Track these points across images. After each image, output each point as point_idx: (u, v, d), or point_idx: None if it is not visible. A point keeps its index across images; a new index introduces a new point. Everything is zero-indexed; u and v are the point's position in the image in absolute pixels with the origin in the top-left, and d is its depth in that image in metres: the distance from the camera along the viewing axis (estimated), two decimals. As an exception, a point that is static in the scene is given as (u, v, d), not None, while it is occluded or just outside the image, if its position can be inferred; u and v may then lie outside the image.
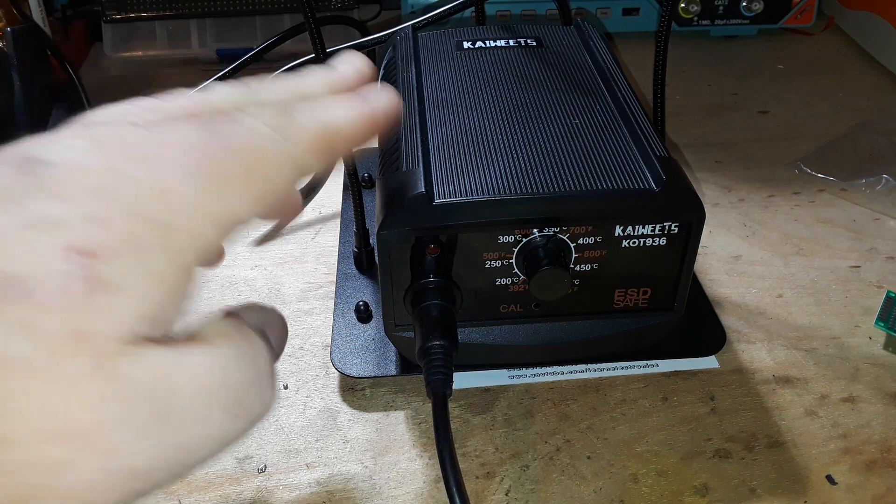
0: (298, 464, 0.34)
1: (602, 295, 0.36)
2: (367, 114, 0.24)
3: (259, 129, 0.20)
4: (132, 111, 0.20)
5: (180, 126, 0.19)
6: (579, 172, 0.33)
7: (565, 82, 0.41)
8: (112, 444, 0.16)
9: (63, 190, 0.17)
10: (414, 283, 0.33)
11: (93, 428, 0.16)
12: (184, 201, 0.18)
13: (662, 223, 0.33)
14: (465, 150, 0.35)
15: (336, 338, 0.39)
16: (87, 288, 0.16)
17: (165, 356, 0.17)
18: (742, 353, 0.39)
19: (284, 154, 0.21)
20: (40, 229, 0.16)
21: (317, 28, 0.38)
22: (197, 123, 0.20)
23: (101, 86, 0.65)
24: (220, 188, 0.19)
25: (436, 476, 0.34)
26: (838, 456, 0.34)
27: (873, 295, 0.43)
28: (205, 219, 0.19)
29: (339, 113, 0.23)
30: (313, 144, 0.21)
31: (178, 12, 0.68)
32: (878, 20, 0.67)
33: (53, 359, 0.15)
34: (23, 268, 0.16)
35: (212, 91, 0.22)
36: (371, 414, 0.37)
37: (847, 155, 0.55)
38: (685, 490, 0.33)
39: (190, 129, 0.19)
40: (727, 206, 0.50)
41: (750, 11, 0.69)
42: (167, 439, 0.17)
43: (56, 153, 0.18)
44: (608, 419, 0.36)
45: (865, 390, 0.37)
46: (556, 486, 0.33)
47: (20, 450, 0.15)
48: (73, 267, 0.16)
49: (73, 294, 0.16)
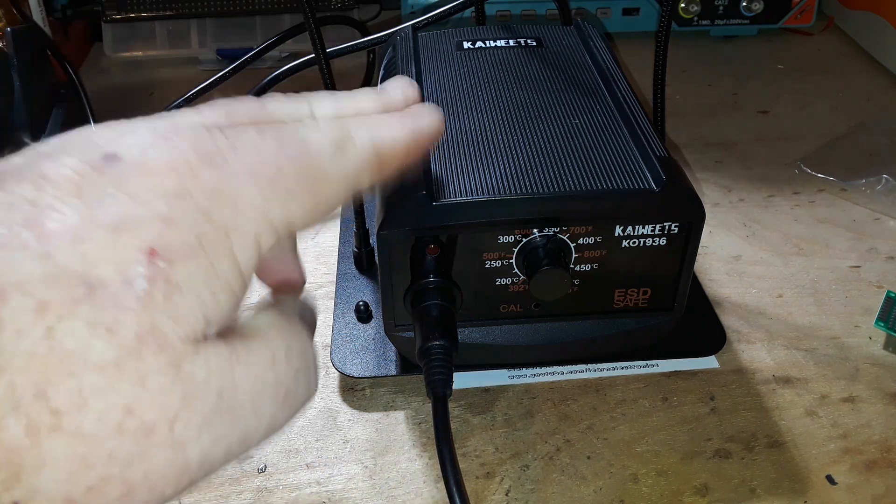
0: (298, 464, 0.34)
1: (602, 295, 0.36)
2: (417, 132, 0.24)
3: (319, 142, 0.21)
4: (202, 115, 0.21)
5: (248, 132, 0.20)
6: (579, 172, 0.34)
7: (565, 82, 0.41)
8: (179, 439, 0.17)
9: (139, 190, 0.17)
10: (414, 283, 0.33)
11: (164, 424, 0.17)
12: (249, 206, 0.19)
13: (662, 223, 0.33)
14: (465, 150, 0.35)
15: (336, 338, 0.39)
16: (163, 290, 0.17)
17: (226, 354, 0.18)
18: (742, 353, 0.39)
19: (341, 168, 0.21)
20: (120, 230, 0.17)
21: (317, 28, 0.38)
22: (263, 132, 0.20)
23: (102, 86, 0.65)
24: (282, 196, 0.19)
25: (436, 476, 0.34)
26: (838, 456, 0.34)
27: (873, 295, 0.43)
28: (266, 224, 0.19)
29: (392, 132, 0.23)
30: (368, 161, 0.22)
31: (178, 12, 0.68)
32: (878, 20, 0.67)
33: (130, 359, 0.16)
34: (106, 270, 0.16)
35: (272, 101, 0.23)
36: (371, 414, 0.37)
37: (847, 155, 0.55)
38: (685, 490, 0.33)
39: (257, 136, 0.20)
40: (727, 206, 0.50)
41: (750, 11, 0.69)
42: (226, 431, 0.18)
43: (131, 150, 0.18)
44: (608, 419, 0.36)
45: (865, 390, 0.37)
46: (556, 486, 0.33)
47: (96, 445, 0.16)
48: (152, 270, 0.17)
49: (150, 296, 0.17)
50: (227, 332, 0.19)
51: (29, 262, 0.16)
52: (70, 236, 0.16)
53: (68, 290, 0.16)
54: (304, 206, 0.20)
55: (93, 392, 0.16)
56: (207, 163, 0.18)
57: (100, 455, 0.16)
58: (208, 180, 0.18)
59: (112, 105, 0.63)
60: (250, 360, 0.19)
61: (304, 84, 0.62)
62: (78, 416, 0.16)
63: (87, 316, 0.16)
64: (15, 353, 0.15)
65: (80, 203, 0.17)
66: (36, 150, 0.18)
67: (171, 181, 0.18)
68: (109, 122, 0.20)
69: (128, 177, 0.18)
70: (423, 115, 0.25)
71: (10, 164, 0.18)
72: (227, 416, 0.18)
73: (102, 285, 0.16)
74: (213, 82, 0.56)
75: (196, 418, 0.17)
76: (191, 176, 0.18)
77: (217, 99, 0.22)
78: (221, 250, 0.18)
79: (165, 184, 0.18)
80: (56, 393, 0.15)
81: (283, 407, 0.20)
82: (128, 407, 0.16)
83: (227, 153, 0.19)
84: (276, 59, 0.66)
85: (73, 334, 0.16)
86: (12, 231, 0.16)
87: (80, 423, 0.16)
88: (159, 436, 0.16)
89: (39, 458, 0.15)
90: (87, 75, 0.65)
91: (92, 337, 0.16)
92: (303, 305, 0.24)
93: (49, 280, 0.16)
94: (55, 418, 0.15)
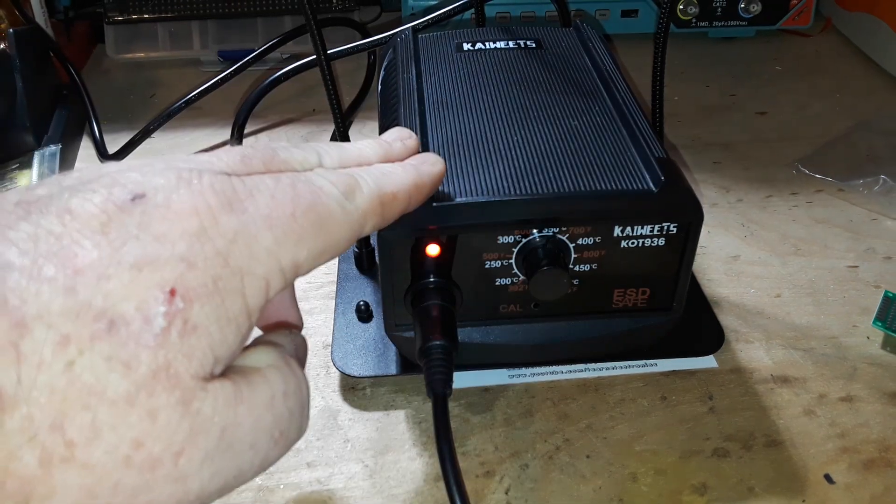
0: (299, 463, 0.35)
1: (601, 295, 0.36)
2: (418, 181, 0.26)
3: (330, 191, 0.22)
4: (221, 160, 0.22)
5: (265, 180, 0.21)
6: (578, 173, 0.34)
7: (564, 84, 0.41)
8: (182, 472, 0.17)
9: (163, 231, 0.18)
10: (414, 283, 0.34)
11: (169, 458, 0.17)
12: (263, 251, 0.19)
13: (661, 224, 0.34)
14: (464, 151, 0.35)
15: (337, 337, 0.40)
16: (179, 329, 0.17)
17: (231, 393, 0.19)
18: (740, 353, 0.40)
19: (348, 216, 0.22)
20: (143, 269, 0.17)
21: (318, 29, 0.38)
22: (278, 180, 0.21)
23: (104, 87, 0.66)
24: (293, 241, 0.20)
25: (436, 475, 0.34)
26: (836, 455, 0.34)
27: (871, 295, 0.43)
28: (276, 268, 0.20)
29: (394, 179, 0.25)
30: (373, 206, 0.23)
31: (180, 14, 0.68)
32: (875, 21, 0.67)
33: (143, 394, 0.17)
34: (127, 308, 0.17)
35: (284, 149, 0.24)
36: (371, 413, 0.37)
37: (845, 156, 0.55)
38: (684, 489, 0.33)
39: (272, 184, 0.21)
40: (725, 206, 0.51)
41: (748, 13, 0.69)
42: (225, 466, 0.19)
43: (157, 192, 0.19)
44: (607, 418, 0.36)
45: (863, 390, 0.38)
46: (555, 485, 0.33)
47: (103, 476, 0.16)
48: (170, 309, 0.17)
49: (167, 335, 0.17)
50: (231, 370, 0.20)
51: (53, 294, 0.16)
52: (94, 272, 0.17)
53: (90, 324, 0.16)
54: (313, 250, 0.21)
55: (106, 425, 0.16)
56: (227, 208, 0.19)
57: (106, 486, 0.16)
58: (227, 225, 0.19)
59: (114, 106, 0.63)
60: (252, 400, 0.19)
61: (306, 85, 0.62)
62: (89, 448, 0.16)
63: (107, 351, 0.16)
64: (34, 386, 0.16)
65: (105, 240, 0.17)
66: (60, 183, 0.19)
67: (193, 224, 0.18)
68: (132, 162, 0.21)
69: (152, 217, 0.18)
70: (425, 164, 0.27)
71: (34, 194, 0.18)
72: (226, 453, 0.18)
73: (124, 322, 0.17)
74: (214, 83, 0.57)
75: (199, 454, 0.18)
76: (211, 220, 0.19)
77: (233, 146, 0.23)
78: (234, 292, 0.19)
79: (187, 226, 0.18)
80: (72, 425, 0.16)
81: (276, 445, 0.20)
82: (137, 440, 0.17)
83: (246, 199, 0.20)
84: (277, 60, 0.67)
85: (92, 368, 0.16)
86: (37, 263, 0.16)
87: (90, 455, 0.16)
88: (164, 469, 0.17)
89: (49, 489, 0.16)
90: (89, 76, 0.65)
91: (109, 371, 0.16)
92: (297, 344, 0.25)
93: (72, 314, 0.16)
94: (68, 450, 0.16)
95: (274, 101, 0.57)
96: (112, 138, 0.58)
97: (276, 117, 0.61)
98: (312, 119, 0.61)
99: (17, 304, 0.16)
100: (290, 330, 0.25)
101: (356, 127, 0.61)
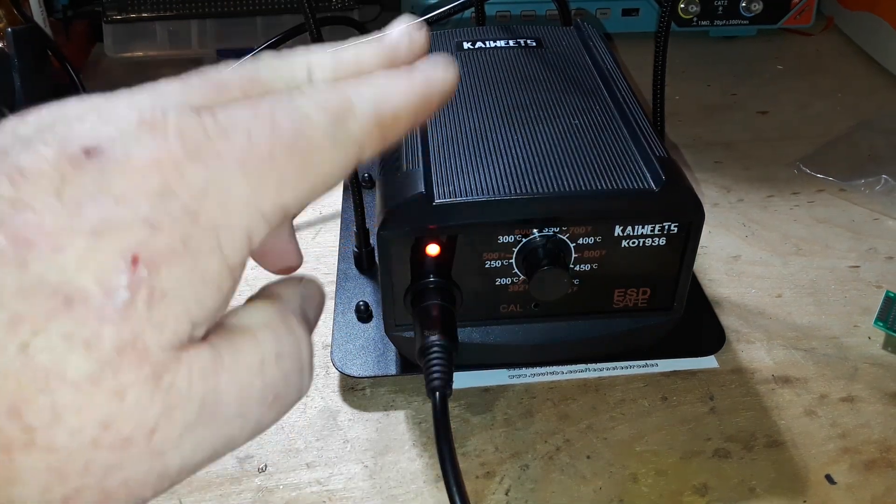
0: (299, 463, 0.34)
1: (602, 295, 0.36)
2: (426, 94, 0.22)
3: (317, 119, 0.19)
4: (190, 89, 0.19)
5: (241, 115, 0.18)
6: (579, 173, 0.34)
7: (565, 83, 0.41)
8: (158, 448, 0.16)
9: (122, 188, 0.16)
10: (414, 282, 0.34)
11: (142, 436, 0.16)
12: (239, 200, 0.17)
13: (662, 223, 0.34)
14: (465, 150, 0.35)
15: (336, 338, 0.40)
16: (145, 299, 0.16)
17: (210, 360, 0.17)
18: (741, 353, 0.39)
19: (340, 146, 0.19)
20: (102, 236, 0.16)
21: (317, 28, 0.38)
22: (254, 111, 0.18)
23: (102, 86, 0.65)
24: (275, 185, 0.18)
25: (436, 475, 0.34)
26: (837, 455, 0.34)
27: (872, 295, 0.43)
28: (257, 216, 0.18)
29: (397, 96, 0.21)
30: (369, 132, 0.20)
31: (178, 13, 0.68)
32: (877, 21, 0.67)
33: (108, 373, 0.15)
34: (85, 280, 0.15)
35: (266, 65, 0.21)
36: (371, 414, 0.37)
37: (846, 155, 0.55)
38: (684, 489, 0.33)
39: (250, 118, 0.18)
40: (726, 206, 0.51)
41: (749, 12, 0.69)
42: (209, 436, 0.17)
43: (114, 144, 0.17)
44: (608, 419, 0.36)
45: (864, 390, 0.37)
46: (555, 485, 0.33)
47: (70, 458, 0.15)
48: (134, 279, 0.16)
49: (132, 307, 0.16)
50: (215, 331, 0.18)
51: (3, 271, 0.15)
52: (48, 243, 0.15)
53: (44, 302, 0.15)
54: (299, 190, 0.19)
55: (67, 408, 0.15)
56: (194, 156, 0.17)
57: (75, 467, 0.15)
58: (195, 177, 0.17)
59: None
60: (237, 366, 0.18)
61: (305, 84, 0.62)
62: (50, 432, 0.15)
63: (64, 330, 0.15)
64: None
65: (59, 204, 0.16)
66: (14, 132, 0.17)
67: (156, 180, 0.16)
68: (90, 97, 0.18)
69: (110, 175, 0.16)
70: (434, 72, 0.23)
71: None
72: (209, 423, 0.17)
73: (82, 297, 0.15)
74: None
75: (176, 428, 0.16)
76: (177, 174, 0.17)
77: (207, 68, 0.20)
78: (208, 251, 0.17)
79: (150, 183, 0.16)
80: (29, 410, 0.15)
81: (270, 409, 0.19)
82: (104, 422, 0.15)
83: (218, 141, 0.17)
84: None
85: (49, 349, 0.15)
86: None
87: (52, 438, 0.15)
88: (137, 447, 0.16)
89: (12, 474, 0.15)
90: (87, 76, 0.65)
91: (68, 352, 0.15)
92: (306, 299, 0.22)
93: (24, 292, 0.15)
94: (28, 435, 0.15)
95: (273, 100, 0.56)
96: (111, 137, 0.57)
97: (275, 116, 0.61)
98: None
99: None
100: (301, 280, 0.22)
101: (356, 126, 0.60)
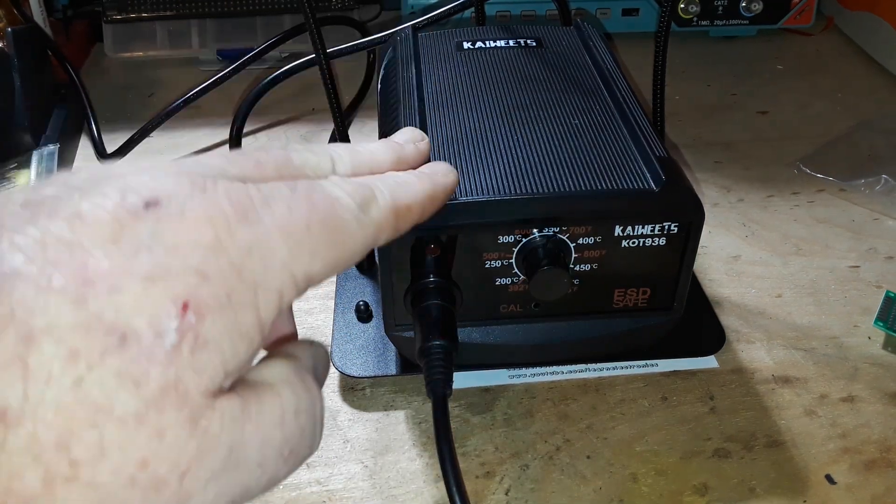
0: (299, 463, 0.34)
1: (601, 295, 0.36)
2: (433, 193, 0.26)
3: (345, 201, 0.21)
4: (233, 164, 0.21)
5: (281, 189, 0.20)
6: (579, 172, 0.34)
7: (565, 82, 0.41)
8: (187, 492, 0.17)
9: (175, 240, 0.17)
10: (414, 282, 0.34)
11: (174, 477, 0.17)
12: (277, 262, 0.19)
13: (662, 223, 0.34)
14: (465, 150, 0.35)
15: (336, 338, 0.40)
16: (191, 344, 0.17)
17: (239, 409, 0.18)
18: (741, 353, 0.39)
19: (364, 228, 0.22)
20: (155, 281, 0.17)
21: (317, 28, 0.38)
22: (293, 187, 0.21)
23: (102, 86, 0.66)
24: (308, 253, 0.20)
25: (436, 475, 0.34)
26: (837, 455, 0.34)
27: (872, 295, 0.43)
28: (290, 280, 0.19)
29: (411, 191, 0.24)
30: (387, 218, 0.23)
31: (178, 13, 0.68)
32: (877, 21, 0.67)
33: (152, 412, 0.16)
34: (139, 321, 0.16)
35: (297, 154, 0.23)
36: (371, 413, 0.37)
37: (846, 155, 0.55)
38: (684, 489, 0.33)
39: (288, 193, 0.20)
40: (726, 206, 0.51)
41: (749, 12, 0.69)
42: (231, 485, 0.18)
43: (170, 200, 0.18)
44: (608, 419, 0.36)
45: (865, 390, 0.37)
46: (555, 485, 0.33)
47: (107, 496, 0.16)
48: (183, 323, 0.17)
49: (178, 350, 0.17)
50: (241, 384, 0.19)
51: (62, 307, 0.16)
52: (106, 284, 0.16)
53: (101, 339, 0.16)
54: (327, 263, 0.20)
55: (113, 444, 0.16)
56: (242, 218, 0.19)
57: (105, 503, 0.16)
58: (243, 236, 0.18)
59: (113, 105, 0.63)
60: (261, 418, 0.19)
61: (305, 84, 0.62)
62: (95, 468, 0.16)
63: (117, 367, 0.16)
64: (41, 403, 0.15)
65: (117, 250, 0.17)
66: (67, 183, 0.18)
67: (208, 235, 0.18)
68: (140, 164, 0.20)
69: (165, 227, 0.17)
70: (439, 175, 0.27)
71: (40, 195, 0.17)
72: (233, 471, 0.18)
73: (135, 337, 0.16)
74: (213, 83, 0.56)
75: (205, 473, 0.17)
76: (227, 231, 0.18)
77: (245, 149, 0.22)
78: (247, 305, 0.18)
79: (202, 237, 0.18)
80: (78, 444, 0.15)
81: (286, 462, 0.20)
82: (143, 460, 0.16)
83: (261, 209, 0.19)
84: (276, 59, 0.66)
85: (102, 385, 0.16)
86: (45, 272, 0.16)
87: (95, 474, 0.16)
88: (169, 489, 0.16)
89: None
90: (87, 76, 0.65)
91: (119, 388, 0.16)
92: (317, 358, 0.24)
93: (82, 328, 0.16)
94: (73, 470, 0.15)
95: (273, 100, 0.56)
96: (110, 138, 0.57)
97: (275, 116, 0.61)
98: (312, 118, 0.61)
99: (24, 317, 0.15)
100: (311, 342, 0.24)
101: (356, 126, 0.60)
